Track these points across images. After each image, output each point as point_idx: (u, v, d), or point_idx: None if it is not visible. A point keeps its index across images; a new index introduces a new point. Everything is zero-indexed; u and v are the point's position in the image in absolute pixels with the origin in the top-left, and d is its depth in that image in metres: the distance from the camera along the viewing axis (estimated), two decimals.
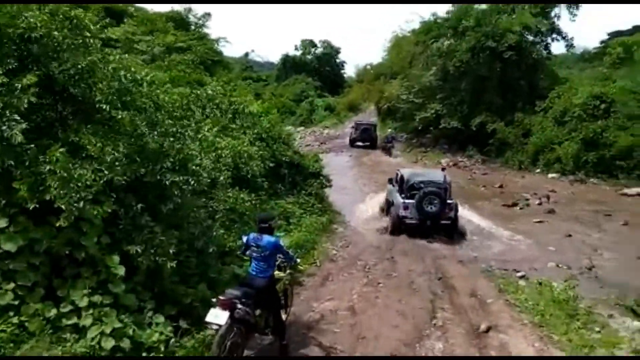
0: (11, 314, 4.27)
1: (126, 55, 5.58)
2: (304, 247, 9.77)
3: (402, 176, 12.72)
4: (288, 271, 6.05)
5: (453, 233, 12.07)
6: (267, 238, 5.25)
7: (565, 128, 23.11)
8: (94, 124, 5.25)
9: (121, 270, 4.85)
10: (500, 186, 19.45)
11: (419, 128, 30.97)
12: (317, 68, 65.85)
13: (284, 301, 6.04)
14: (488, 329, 6.41)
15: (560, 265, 10.36)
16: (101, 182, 4.80)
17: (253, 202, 7.76)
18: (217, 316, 4.65)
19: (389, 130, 33.32)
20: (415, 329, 6.45)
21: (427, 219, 11.70)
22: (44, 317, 4.38)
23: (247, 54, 76.97)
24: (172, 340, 4.97)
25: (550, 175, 21.52)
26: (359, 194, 17.81)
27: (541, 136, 23.70)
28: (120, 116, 5.51)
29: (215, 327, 4.67)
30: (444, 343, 6.07)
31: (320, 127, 43.70)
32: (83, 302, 4.54)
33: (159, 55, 16.68)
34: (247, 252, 5.40)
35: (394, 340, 6.07)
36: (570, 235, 12.75)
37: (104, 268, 4.87)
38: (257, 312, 5.14)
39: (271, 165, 11.70)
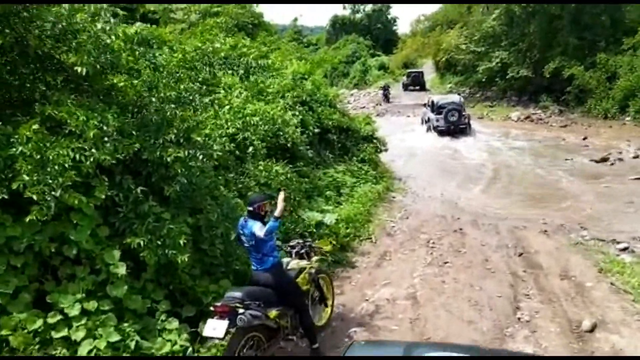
0: None
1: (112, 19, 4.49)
2: (357, 221, 8.61)
3: (432, 101, 20.45)
4: (315, 258, 4.93)
5: (467, 131, 19.36)
6: (250, 224, 4.21)
7: None
8: (81, 94, 4.30)
9: (122, 269, 3.96)
10: (584, 138, 16.92)
11: (483, 80, 28.16)
12: (368, 27, 62.67)
13: (319, 295, 4.95)
14: (593, 327, 4.94)
15: None
16: (87, 163, 3.88)
17: (288, 175, 6.63)
18: (215, 328, 3.69)
19: (384, 81, 36.75)
20: (495, 325, 5.13)
21: (451, 125, 18.94)
22: (30, 329, 3.60)
23: (295, 19, 75.06)
24: (190, 349, 4.07)
25: None
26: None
27: (631, 78, 20.31)
28: (119, 82, 4.55)
29: (216, 341, 3.72)
30: (535, 346, 4.69)
31: (375, 87, 41.53)
32: (74, 311, 3.71)
33: (195, 23, 15.74)
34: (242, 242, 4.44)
35: (468, 342, 4.80)
36: None
37: (103, 266, 4.01)
38: (273, 312, 4.11)
39: (316, 131, 10.52)
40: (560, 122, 21.10)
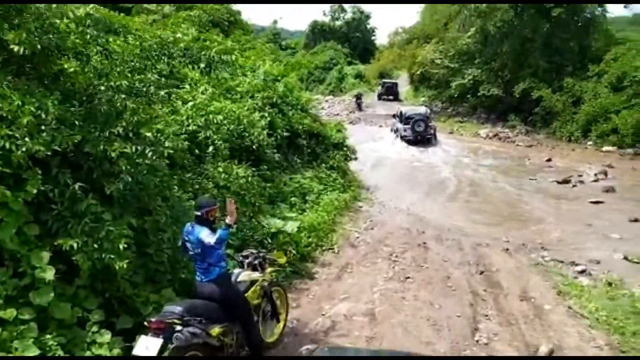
0: None
1: None
2: (320, 230, 8.36)
3: (401, 111, 21.77)
4: (269, 269, 4.62)
5: (433, 141, 20.60)
6: (197, 230, 3.92)
7: (623, 95, 20.37)
8: (21, 77, 3.89)
9: (49, 273, 3.56)
10: (549, 160, 17.32)
11: (455, 96, 28.55)
12: (347, 34, 63.06)
13: (271, 309, 4.64)
14: (550, 353, 4.85)
15: (629, 258, 8.56)
16: (19, 153, 3.47)
17: (249, 178, 6.26)
18: (148, 347, 3.35)
19: (357, 90, 37.21)
20: (452, 347, 4.97)
21: (417, 134, 20.14)
22: None
23: (275, 22, 74.72)
24: None
25: (605, 149, 19.06)
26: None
27: (594, 104, 21.01)
28: (70, 67, 4.16)
29: None
30: None
31: (350, 95, 41.62)
32: None
33: (169, 15, 15.19)
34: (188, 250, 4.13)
35: None
36: (636, 220, 10.78)
37: (28, 269, 3.59)
38: (216, 329, 3.78)
39: (285, 134, 10.24)
40: (527, 141, 21.59)
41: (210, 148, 6.15)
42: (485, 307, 6.07)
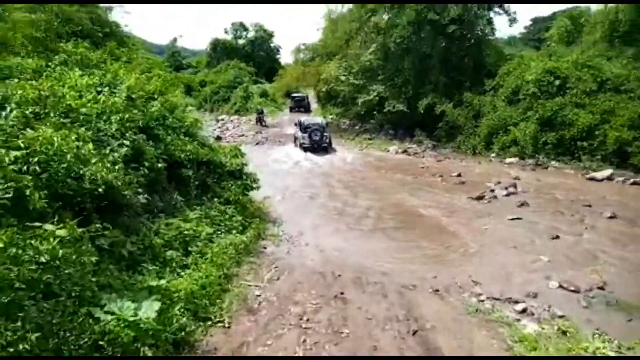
0: None
1: None
2: (205, 296, 6.23)
3: (300, 121, 23.67)
4: None
5: (329, 149, 22.34)
6: None
7: (518, 107, 21.00)
8: None
9: None
10: (459, 175, 16.87)
11: (362, 113, 28.06)
12: (250, 53, 61.62)
13: None
14: None
15: (565, 286, 7.66)
16: None
17: (60, 252, 3.73)
18: None
19: (259, 106, 37.20)
20: None
21: (314, 143, 22.03)
22: None
23: (175, 40, 71.06)
24: None
25: (508, 160, 19.29)
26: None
27: (494, 117, 21.49)
28: None
29: None
30: None
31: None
32: None
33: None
34: None
35: None
36: (557, 237, 10.19)
37: None
38: None
39: (160, 165, 8.00)
40: (435, 156, 21.29)
41: None
42: None
